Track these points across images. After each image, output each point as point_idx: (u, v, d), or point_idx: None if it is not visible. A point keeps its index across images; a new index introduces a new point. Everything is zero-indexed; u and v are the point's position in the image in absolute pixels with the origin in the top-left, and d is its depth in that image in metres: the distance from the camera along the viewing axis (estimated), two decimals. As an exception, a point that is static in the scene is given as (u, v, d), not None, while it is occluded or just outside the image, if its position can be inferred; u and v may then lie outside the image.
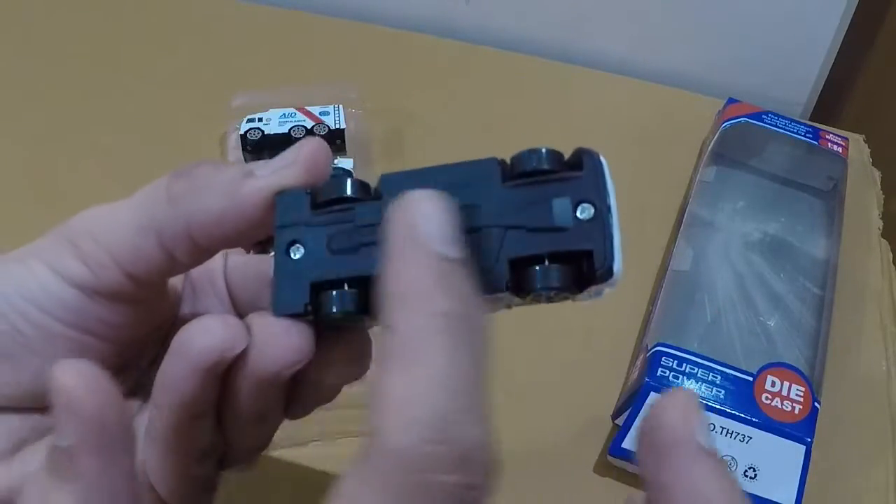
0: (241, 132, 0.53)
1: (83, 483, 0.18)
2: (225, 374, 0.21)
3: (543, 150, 0.19)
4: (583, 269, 0.19)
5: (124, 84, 0.62)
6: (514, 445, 0.44)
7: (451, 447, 0.15)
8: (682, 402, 0.19)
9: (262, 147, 0.53)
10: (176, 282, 0.26)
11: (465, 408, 0.16)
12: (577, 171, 0.19)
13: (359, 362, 0.22)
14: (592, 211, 0.19)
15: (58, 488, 0.18)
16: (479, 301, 0.18)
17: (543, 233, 0.19)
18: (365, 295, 0.20)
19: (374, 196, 0.20)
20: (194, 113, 0.59)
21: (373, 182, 0.21)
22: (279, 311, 0.20)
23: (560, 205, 0.19)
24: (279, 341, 0.20)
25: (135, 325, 0.23)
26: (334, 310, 0.20)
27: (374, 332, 0.23)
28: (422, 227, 0.17)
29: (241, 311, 0.26)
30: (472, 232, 0.19)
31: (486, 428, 0.16)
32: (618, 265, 0.19)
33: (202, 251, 0.22)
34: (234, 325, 0.20)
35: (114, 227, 0.21)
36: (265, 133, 0.52)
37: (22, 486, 0.22)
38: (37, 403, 0.22)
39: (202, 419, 0.22)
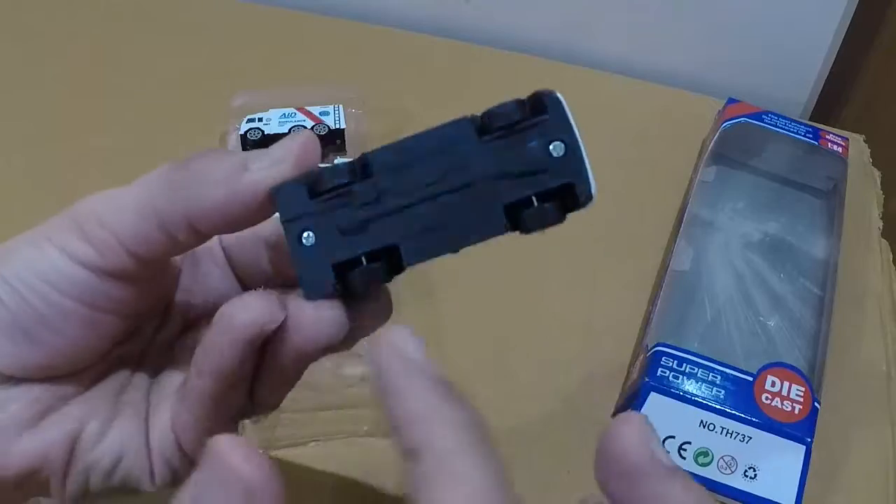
0: (241, 132, 0.53)
1: None
2: (262, 347, 0.23)
3: (511, 103, 0.21)
4: (566, 198, 0.21)
5: (124, 84, 0.62)
6: (515, 445, 0.44)
7: None
8: (639, 426, 0.19)
9: (262, 147, 0.53)
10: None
11: None
12: (542, 114, 0.21)
13: (386, 311, 0.24)
14: (563, 147, 0.21)
15: None
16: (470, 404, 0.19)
17: (527, 176, 0.21)
18: (385, 264, 0.22)
19: (366, 174, 0.22)
20: (194, 113, 0.59)
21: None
22: (311, 295, 0.22)
23: (535, 148, 0.21)
24: (322, 323, 0.22)
25: (140, 299, 0.24)
26: (367, 284, 0.22)
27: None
28: (412, 354, 0.20)
29: (239, 275, 0.28)
30: (464, 188, 0.21)
31: None
32: (595, 188, 0.21)
33: (203, 235, 0.23)
34: (272, 301, 0.22)
35: (117, 211, 0.23)
36: (265, 133, 0.52)
37: (49, 453, 0.23)
38: (55, 373, 0.24)
39: (239, 386, 0.24)
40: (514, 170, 0.21)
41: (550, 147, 0.21)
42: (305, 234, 0.22)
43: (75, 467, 0.24)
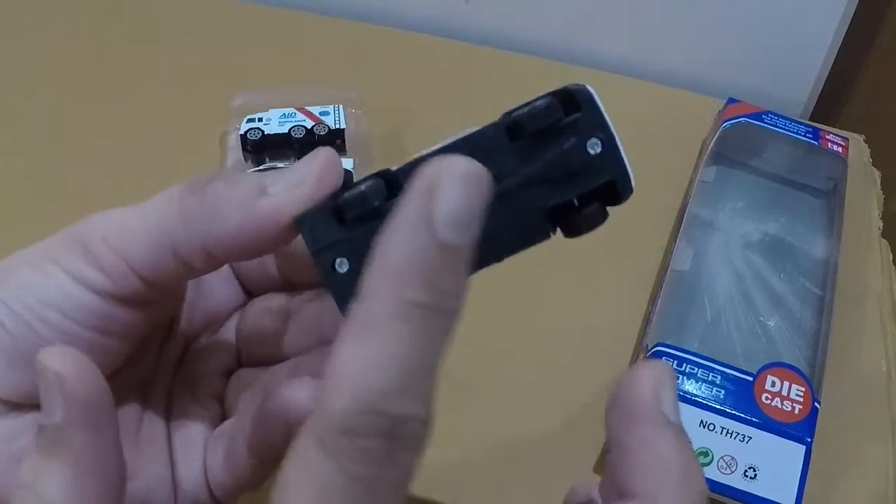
0: (241, 132, 0.53)
1: (75, 456, 0.19)
2: None
3: (541, 104, 0.20)
4: (606, 194, 0.21)
5: (124, 84, 0.62)
6: (515, 445, 0.44)
7: (381, 419, 0.17)
8: (656, 373, 0.20)
9: (262, 147, 0.53)
10: None
11: (403, 388, 0.17)
12: (574, 111, 0.20)
13: None
14: (601, 144, 0.20)
15: (50, 464, 0.19)
16: (461, 293, 0.18)
17: (566, 178, 0.20)
18: None
19: (396, 191, 0.21)
20: (194, 113, 0.59)
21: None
22: None
23: (571, 149, 0.20)
24: None
25: (151, 321, 0.24)
26: None
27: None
28: (438, 204, 0.17)
29: (244, 283, 0.27)
30: (502, 197, 0.20)
31: (423, 407, 0.17)
32: (633, 181, 0.21)
33: (220, 262, 0.22)
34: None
35: (128, 237, 0.22)
36: (265, 133, 0.52)
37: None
38: None
39: None
40: (552, 174, 0.20)
41: (587, 146, 0.20)
42: (339, 261, 0.21)
43: None
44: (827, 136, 0.55)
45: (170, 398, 0.26)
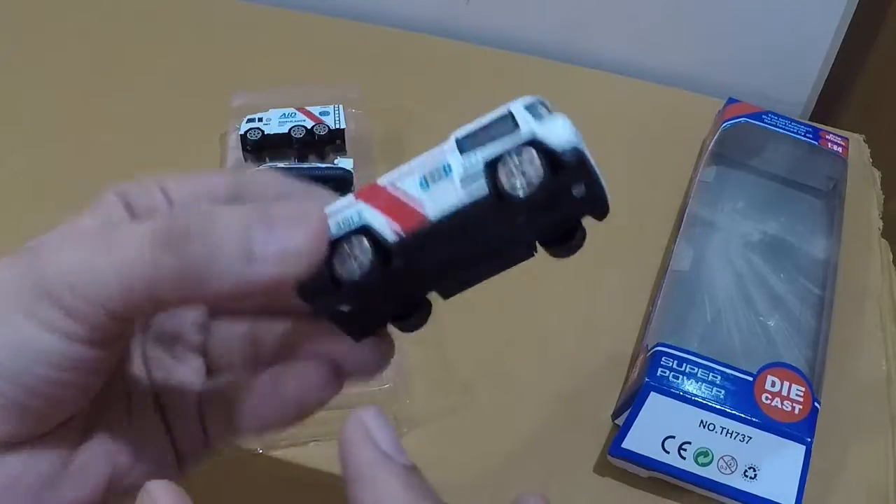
0: (241, 132, 0.53)
1: None
2: None
3: (540, 186, 0.20)
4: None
5: (125, 84, 0.62)
6: (515, 445, 0.44)
7: None
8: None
9: (262, 147, 0.53)
10: None
11: None
12: (561, 169, 0.21)
13: None
14: (584, 188, 0.21)
15: None
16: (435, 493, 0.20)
17: (550, 215, 0.21)
18: (425, 303, 0.23)
19: (388, 257, 0.22)
20: (194, 113, 0.59)
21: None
22: (359, 339, 0.24)
23: (557, 196, 0.21)
24: (376, 367, 0.24)
25: (127, 339, 0.24)
26: (420, 326, 0.23)
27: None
28: (382, 445, 0.21)
29: None
30: (493, 245, 0.22)
31: None
32: (610, 202, 0.21)
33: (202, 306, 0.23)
34: (326, 375, 0.24)
35: (98, 283, 0.21)
36: (265, 133, 0.52)
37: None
38: (53, 425, 0.23)
39: None
40: (539, 224, 0.21)
41: (572, 190, 0.21)
42: (342, 307, 0.22)
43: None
44: (827, 136, 0.55)
45: (147, 364, 0.26)
